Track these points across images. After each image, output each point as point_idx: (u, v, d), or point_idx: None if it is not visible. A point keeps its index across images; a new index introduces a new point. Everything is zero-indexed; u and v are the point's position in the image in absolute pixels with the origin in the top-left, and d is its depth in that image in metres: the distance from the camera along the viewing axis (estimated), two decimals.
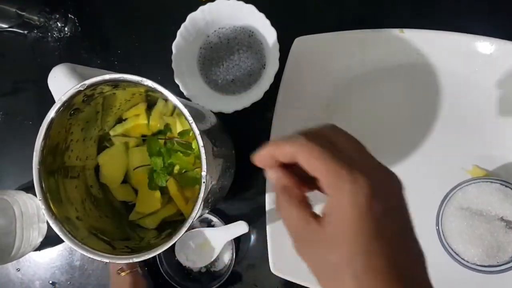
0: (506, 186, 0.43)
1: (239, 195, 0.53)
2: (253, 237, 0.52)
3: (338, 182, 0.25)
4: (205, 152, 0.35)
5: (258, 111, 0.50)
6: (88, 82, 0.36)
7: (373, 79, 0.49)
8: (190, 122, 0.35)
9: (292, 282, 0.49)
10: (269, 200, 0.49)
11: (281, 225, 0.49)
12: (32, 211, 0.53)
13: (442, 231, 0.44)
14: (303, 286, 0.49)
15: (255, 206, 0.51)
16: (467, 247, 0.43)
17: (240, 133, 0.51)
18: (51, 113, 0.37)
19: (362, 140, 0.49)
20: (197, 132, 0.35)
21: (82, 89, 0.37)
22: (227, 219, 0.52)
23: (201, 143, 0.35)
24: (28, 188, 0.56)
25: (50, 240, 0.56)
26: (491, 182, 0.43)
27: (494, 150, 0.46)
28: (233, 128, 0.49)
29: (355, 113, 0.50)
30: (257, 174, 0.51)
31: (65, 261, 0.57)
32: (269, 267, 0.49)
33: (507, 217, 0.42)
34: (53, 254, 0.57)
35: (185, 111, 0.35)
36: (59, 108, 0.37)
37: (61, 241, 0.37)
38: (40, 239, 0.55)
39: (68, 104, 0.38)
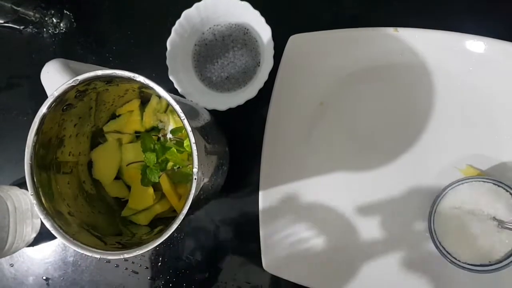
0: (498, 186, 0.43)
1: (232, 193, 0.53)
2: (246, 235, 0.52)
3: None
4: (197, 149, 0.35)
5: (253, 108, 0.50)
6: (80, 77, 0.36)
7: (367, 77, 0.49)
8: (182, 118, 0.35)
9: (284, 280, 0.49)
10: (262, 198, 0.49)
11: (274, 223, 0.49)
12: (26, 206, 0.53)
13: (434, 230, 0.44)
14: (295, 284, 0.49)
15: (249, 204, 0.51)
16: (459, 246, 0.43)
17: (234, 131, 0.51)
18: (43, 109, 0.37)
19: (354, 138, 0.49)
20: (189, 128, 0.35)
21: (74, 84, 0.36)
22: (218, 219, 0.53)
23: (193, 140, 0.35)
24: (22, 184, 0.56)
25: (44, 235, 0.56)
26: (484, 181, 0.44)
27: (487, 150, 0.46)
28: (227, 126, 0.49)
29: (348, 111, 0.50)
30: (251, 172, 0.51)
31: (59, 257, 0.57)
32: (262, 264, 0.49)
33: (499, 216, 0.42)
34: (46, 250, 0.57)
35: (177, 108, 0.35)
36: (52, 103, 0.37)
37: (55, 237, 0.37)
38: (34, 235, 0.55)
39: (61, 99, 0.37)
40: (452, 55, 0.46)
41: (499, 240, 0.42)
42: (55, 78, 0.39)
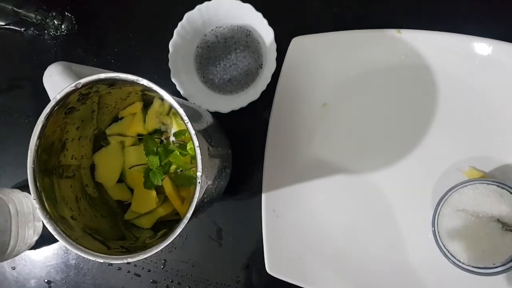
0: (502, 188, 0.43)
1: (235, 195, 0.53)
2: (249, 237, 0.52)
3: None
4: (201, 153, 0.35)
5: (255, 110, 0.50)
6: (83, 81, 0.36)
7: (369, 79, 0.49)
8: (185, 122, 0.35)
9: (288, 283, 0.49)
10: (265, 200, 0.49)
11: (277, 226, 0.49)
12: (28, 209, 0.53)
13: (438, 232, 0.44)
14: (298, 287, 0.49)
15: (252, 206, 0.51)
16: (463, 249, 0.43)
17: (237, 133, 0.51)
18: (46, 112, 0.37)
19: (357, 140, 0.49)
20: (192, 132, 0.35)
21: (77, 87, 0.36)
22: (221, 222, 0.53)
23: (196, 143, 0.35)
24: (24, 187, 0.56)
25: (46, 238, 0.56)
26: (488, 183, 0.43)
27: (490, 152, 0.46)
28: (230, 128, 0.49)
29: (351, 113, 0.50)
30: (254, 174, 0.51)
31: (61, 260, 0.57)
32: (265, 267, 0.49)
33: (503, 218, 0.42)
34: (48, 253, 0.57)
35: (181, 111, 0.35)
36: (54, 106, 0.37)
37: (57, 240, 0.37)
38: (36, 238, 0.55)
39: (63, 103, 0.37)
40: (455, 57, 0.46)
41: (503, 243, 0.42)
42: (57, 81, 0.38)
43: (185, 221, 0.35)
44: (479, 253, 0.43)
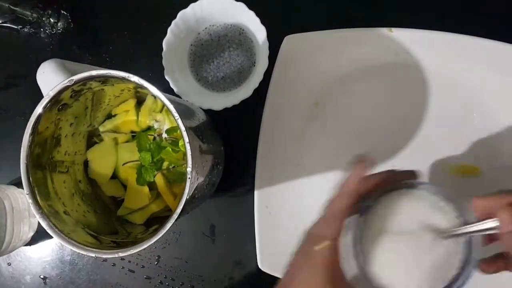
0: (419, 189, 0.36)
1: (228, 192, 0.53)
2: (242, 234, 0.53)
3: None
4: (191, 149, 0.35)
5: (248, 108, 0.50)
6: (75, 77, 0.37)
7: (361, 77, 0.49)
8: (176, 118, 0.35)
9: (280, 278, 0.49)
10: (258, 197, 0.50)
11: (269, 222, 0.49)
12: (23, 206, 0.54)
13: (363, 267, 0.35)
14: None
15: (244, 203, 0.52)
16: (401, 279, 0.34)
17: (230, 130, 0.51)
18: (39, 109, 0.37)
19: (348, 138, 0.49)
20: (182, 128, 0.35)
21: (69, 84, 0.37)
22: (214, 218, 0.53)
23: (186, 139, 0.35)
24: (20, 183, 0.56)
25: (41, 234, 0.56)
26: (401, 191, 0.36)
27: (480, 149, 0.47)
28: (222, 125, 0.49)
29: (343, 111, 0.50)
30: (246, 171, 0.52)
31: (56, 256, 0.57)
32: (257, 263, 0.49)
33: (437, 225, 0.34)
34: (44, 249, 0.57)
35: (171, 107, 0.35)
36: (47, 103, 0.37)
37: (52, 236, 0.38)
38: (31, 234, 0.55)
39: (56, 99, 0.38)
40: (445, 55, 0.47)
41: (447, 253, 0.33)
42: (50, 78, 0.39)
43: (175, 216, 0.35)
44: (423, 277, 0.33)
